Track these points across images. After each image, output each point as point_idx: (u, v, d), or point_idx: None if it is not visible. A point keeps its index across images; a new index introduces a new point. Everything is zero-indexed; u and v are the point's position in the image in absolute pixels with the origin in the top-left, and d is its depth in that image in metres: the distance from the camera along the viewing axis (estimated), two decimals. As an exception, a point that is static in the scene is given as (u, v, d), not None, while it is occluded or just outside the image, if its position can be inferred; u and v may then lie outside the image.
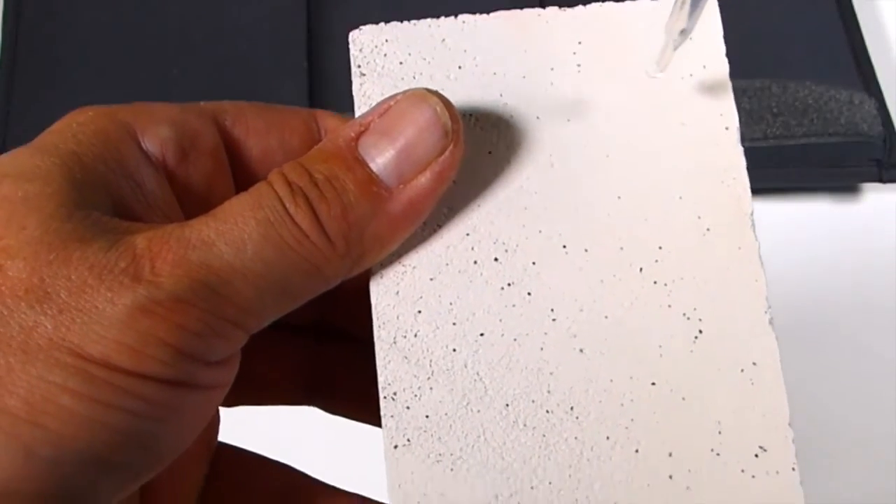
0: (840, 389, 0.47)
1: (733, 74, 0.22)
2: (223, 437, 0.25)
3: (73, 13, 0.53)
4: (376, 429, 0.21)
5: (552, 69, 0.22)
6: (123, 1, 0.54)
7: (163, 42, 0.53)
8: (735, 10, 0.55)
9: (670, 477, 0.20)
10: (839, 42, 0.52)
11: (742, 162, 0.21)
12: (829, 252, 0.50)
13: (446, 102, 0.20)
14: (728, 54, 0.22)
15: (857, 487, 0.45)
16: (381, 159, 0.19)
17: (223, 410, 0.24)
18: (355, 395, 0.26)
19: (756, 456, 0.20)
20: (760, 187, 0.50)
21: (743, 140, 0.21)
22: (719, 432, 0.20)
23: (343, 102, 0.54)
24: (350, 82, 0.22)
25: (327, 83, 0.52)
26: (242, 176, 0.22)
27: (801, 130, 0.49)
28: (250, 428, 0.27)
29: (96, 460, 0.16)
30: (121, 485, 0.17)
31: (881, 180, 0.49)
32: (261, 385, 0.26)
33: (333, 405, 0.27)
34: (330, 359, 0.26)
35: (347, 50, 0.22)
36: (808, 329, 0.48)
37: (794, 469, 0.20)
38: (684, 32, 0.20)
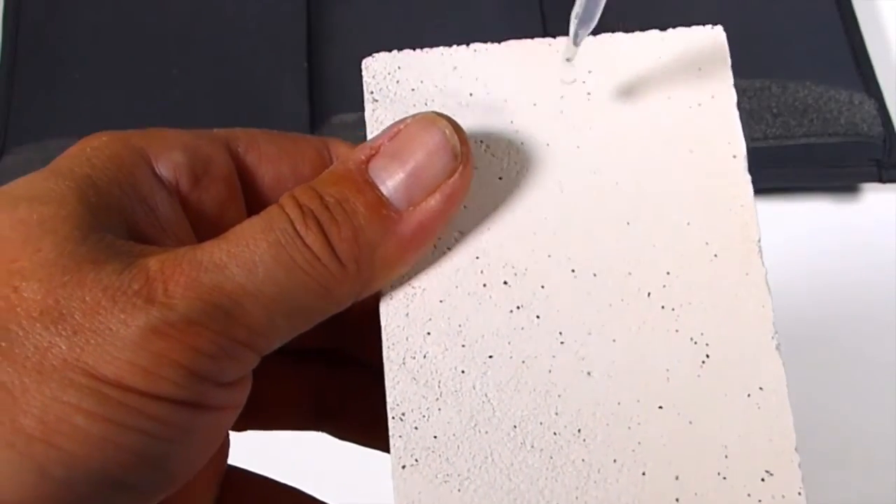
0: (838, 390, 0.47)
1: (733, 74, 0.22)
2: (232, 460, 0.25)
3: (73, 13, 0.54)
4: (384, 453, 0.21)
5: (562, 97, 0.22)
6: (124, 1, 0.54)
7: (163, 42, 0.53)
8: (735, 10, 0.55)
9: (677, 500, 0.20)
10: (839, 42, 0.52)
11: (749, 190, 0.22)
12: (829, 252, 0.50)
13: (455, 126, 0.20)
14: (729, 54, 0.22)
15: (856, 490, 0.45)
16: (391, 182, 0.19)
17: (233, 434, 0.24)
18: (364, 421, 0.26)
19: (762, 480, 0.20)
20: (760, 187, 0.49)
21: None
22: (726, 456, 0.20)
23: (343, 102, 0.54)
24: (351, 83, 0.23)
25: (327, 83, 0.52)
26: (254, 202, 0.22)
27: (801, 130, 0.49)
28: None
29: (109, 480, 0.17)
30: None
31: (881, 180, 0.50)
32: (271, 410, 0.26)
33: (342, 430, 0.27)
34: (339, 384, 0.26)
35: (348, 49, 0.23)
36: (807, 329, 0.48)
37: (800, 493, 0.20)
38: (582, 23, 0.20)
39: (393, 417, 0.20)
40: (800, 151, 0.49)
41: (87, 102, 0.51)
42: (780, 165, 0.49)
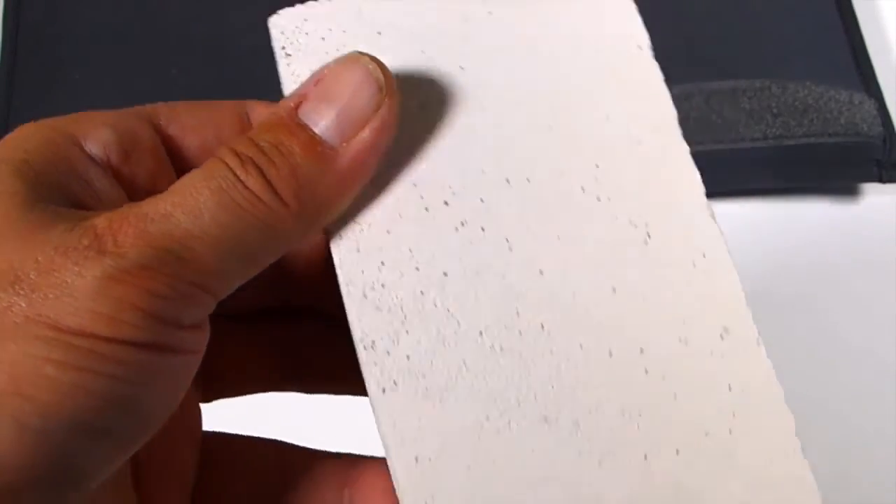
0: (838, 390, 0.47)
1: (733, 74, 0.22)
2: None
3: (73, 14, 0.54)
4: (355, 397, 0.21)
5: (466, 20, 0.23)
6: (124, 1, 0.54)
7: (163, 42, 0.53)
8: (736, 10, 0.55)
9: (646, 371, 0.21)
10: (839, 42, 0.52)
11: (659, 75, 0.23)
12: (829, 253, 0.50)
13: (377, 61, 0.21)
14: (729, 54, 0.23)
15: (855, 488, 0.45)
16: (322, 122, 0.20)
17: (204, 407, 0.25)
18: (327, 369, 0.27)
19: (721, 337, 0.21)
20: (760, 187, 0.50)
21: (743, 140, 0.22)
22: (683, 322, 0.21)
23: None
24: None
25: (327, 83, 0.52)
26: (185, 172, 0.23)
27: (801, 130, 0.49)
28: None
29: (83, 426, 0.17)
30: (109, 453, 0.18)
31: (881, 180, 0.49)
32: (235, 376, 0.26)
33: (309, 384, 0.27)
34: (297, 339, 0.27)
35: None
36: (806, 329, 0.48)
37: (758, 343, 0.21)
38: None
39: (365, 348, 0.21)
40: (800, 151, 0.49)
41: (87, 102, 0.50)
42: (780, 165, 0.49)
